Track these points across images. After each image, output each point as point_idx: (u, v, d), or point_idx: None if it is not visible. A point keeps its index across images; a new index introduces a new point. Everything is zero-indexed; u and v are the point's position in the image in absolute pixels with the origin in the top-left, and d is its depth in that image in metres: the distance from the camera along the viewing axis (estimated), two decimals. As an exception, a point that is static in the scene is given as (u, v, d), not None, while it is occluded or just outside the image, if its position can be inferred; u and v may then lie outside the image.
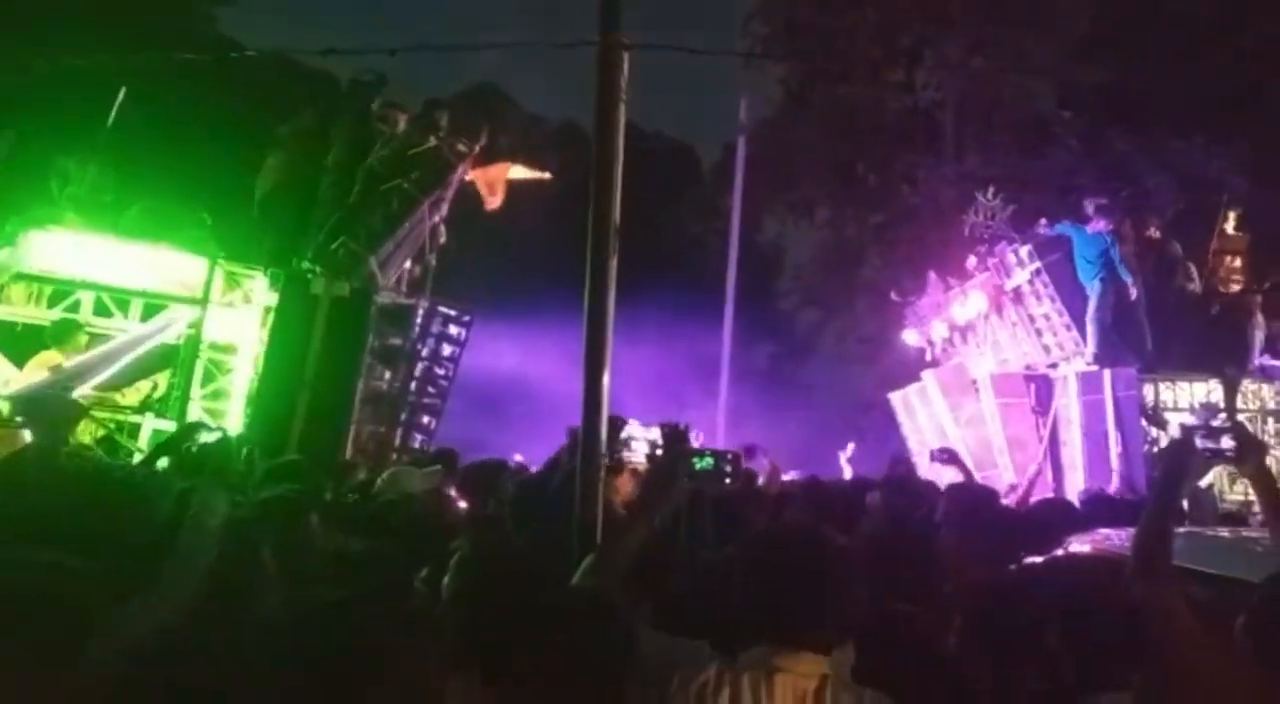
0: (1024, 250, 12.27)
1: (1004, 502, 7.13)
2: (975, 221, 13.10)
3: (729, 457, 3.87)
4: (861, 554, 3.28)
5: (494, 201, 11.10)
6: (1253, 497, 10.82)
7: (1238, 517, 8.92)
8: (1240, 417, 11.60)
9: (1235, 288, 12.81)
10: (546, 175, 11.83)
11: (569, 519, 3.54)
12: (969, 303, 12.96)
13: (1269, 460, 11.67)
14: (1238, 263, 13.01)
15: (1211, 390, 11.82)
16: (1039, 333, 12.23)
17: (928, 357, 14.15)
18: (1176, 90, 17.59)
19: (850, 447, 11.71)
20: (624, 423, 4.79)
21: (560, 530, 3.55)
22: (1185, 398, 11.90)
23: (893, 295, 14.56)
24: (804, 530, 2.98)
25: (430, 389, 10.79)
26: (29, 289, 9.87)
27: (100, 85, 10.24)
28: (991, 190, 13.16)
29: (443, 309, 10.79)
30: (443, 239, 10.72)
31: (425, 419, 10.78)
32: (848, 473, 10.94)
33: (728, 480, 3.91)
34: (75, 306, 9.84)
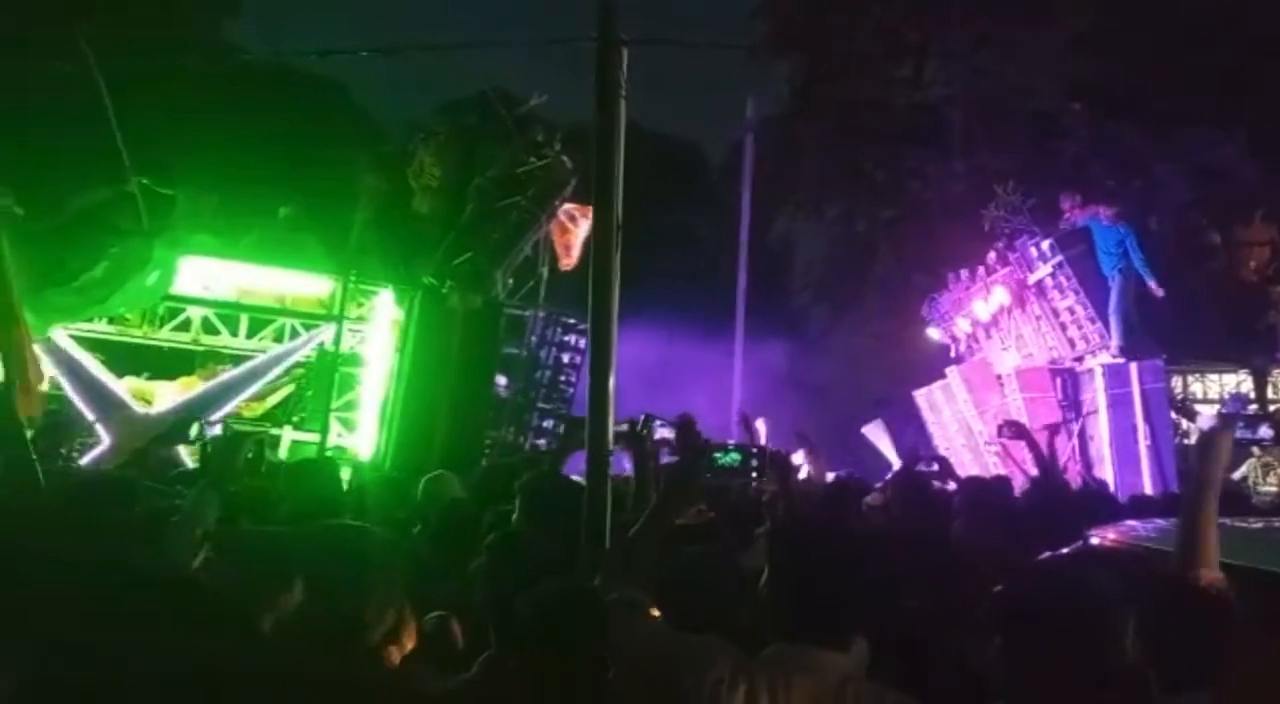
0: (1045, 244, 12.20)
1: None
2: (995, 216, 12.92)
3: (754, 451, 3.72)
4: (875, 549, 3.17)
5: (569, 262, 11.30)
6: (1287, 488, 10.63)
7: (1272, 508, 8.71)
8: (1271, 407, 11.37)
9: (1262, 278, 12.57)
10: None
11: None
12: (991, 298, 12.87)
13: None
14: (1264, 253, 12.76)
15: (1241, 381, 11.57)
16: (1063, 327, 12.11)
17: (951, 353, 14.00)
18: (1182, 79, 17.37)
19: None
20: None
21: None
22: (1214, 389, 11.70)
23: (924, 313, 14.32)
24: (822, 525, 2.83)
25: (554, 395, 11.14)
26: (144, 311, 10.32)
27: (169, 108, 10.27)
28: (1011, 184, 12.97)
29: (563, 319, 11.07)
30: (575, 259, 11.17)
31: (550, 424, 11.07)
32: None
33: (754, 475, 3.76)
34: (186, 325, 10.38)
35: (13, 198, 8.78)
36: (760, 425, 11.59)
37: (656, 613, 2.79)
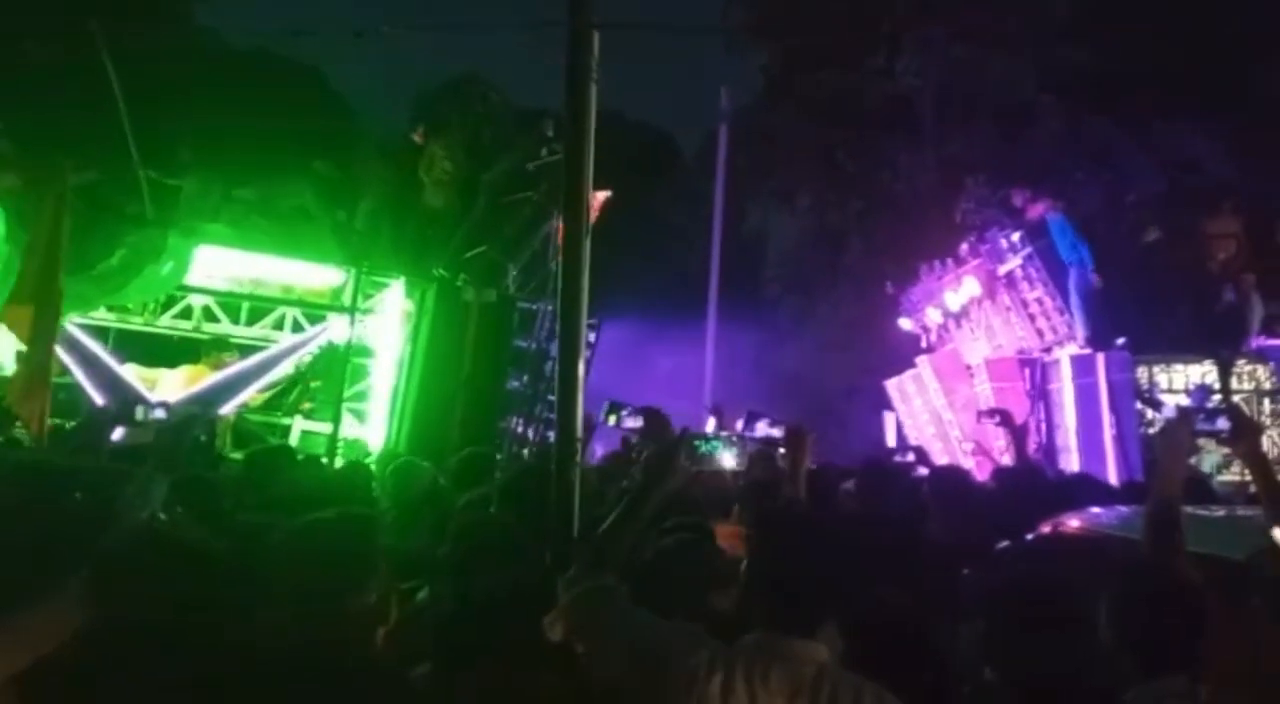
0: (1015, 236, 12.32)
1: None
2: (966, 208, 13.06)
3: (733, 440, 3.74)
4: (851, 536, 3.22)
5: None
6: (1248, 478, 10.79)
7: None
8: (1235, 398, 11.52)
9: (1230, 269, 12.73)
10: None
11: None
12: (962, 289, 12.98)
13: (1264, 441, 11.55)
14: (1231, 246, 12.92)
15: (1207, 372, 11.72)
16: (1032, 318, 12.26)
17: (922, 343, 14.12)
18: (1157, 72, 17.53)
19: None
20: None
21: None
22: (1180, 380, 11.85)
23: (888, 288, 14.46)
24: (802, 513, 2.83)
25: (563, 390, 11.31)
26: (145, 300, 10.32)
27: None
28: (981, 177, 13.12)
29: None
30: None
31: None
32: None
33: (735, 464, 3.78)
34: (187, 313, 10.38)
35: (18, 180, 8.71)
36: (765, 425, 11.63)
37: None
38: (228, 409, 9.55)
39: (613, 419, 6.03)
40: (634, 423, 5.78)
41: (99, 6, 9.99)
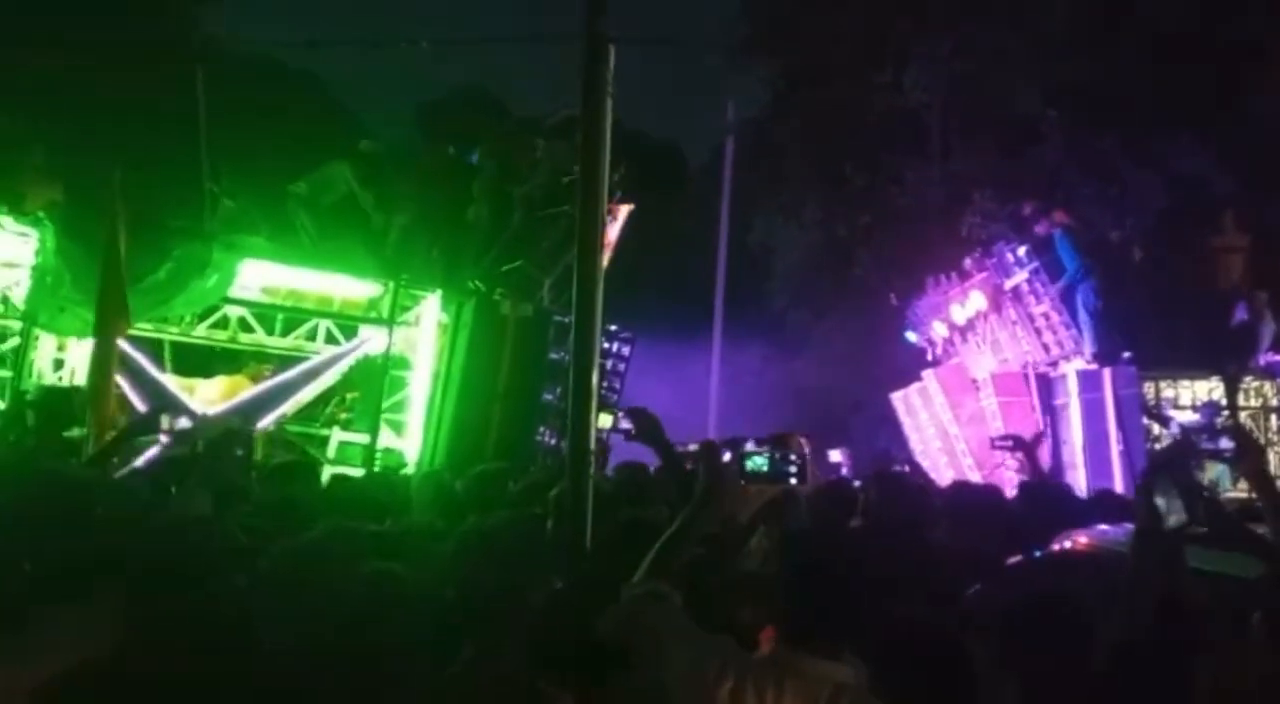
0: (1021, 250, 12.30)
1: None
2: (972, 222, 13.06)
3: (791, 457, 3.68)
4: (867, 552, 3.17)
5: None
6: (1254, 495, 10.74)
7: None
8: (1243, 414, 11.47)
9: (1240, 285, 12.72)
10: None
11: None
12: (968, 303, 12.94)
13: (1271, 457, 11.51)
14: (1237, 261, 12.91)
15: (1214, 388, 11.69)
16: (1038, 332, 12.23)
17: (929, 357, 14.11)
18: (1158, 87, 17.56)
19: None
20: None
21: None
22: (1187, 396, 11.80)
23: (892, 299, 14.46)
24: (823, 531, 2.81)
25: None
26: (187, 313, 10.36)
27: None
28: (988, 191, 13.14)
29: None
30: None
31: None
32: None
33: (794, 480, 3.74)
34: (223, 322, 10.39)
35: (60, 192, 8.75)
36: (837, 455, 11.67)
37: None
38: (266, 421, 9.53)
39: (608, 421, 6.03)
40: (625, 425, 5.76)
41: (101, 9, 9.94)
